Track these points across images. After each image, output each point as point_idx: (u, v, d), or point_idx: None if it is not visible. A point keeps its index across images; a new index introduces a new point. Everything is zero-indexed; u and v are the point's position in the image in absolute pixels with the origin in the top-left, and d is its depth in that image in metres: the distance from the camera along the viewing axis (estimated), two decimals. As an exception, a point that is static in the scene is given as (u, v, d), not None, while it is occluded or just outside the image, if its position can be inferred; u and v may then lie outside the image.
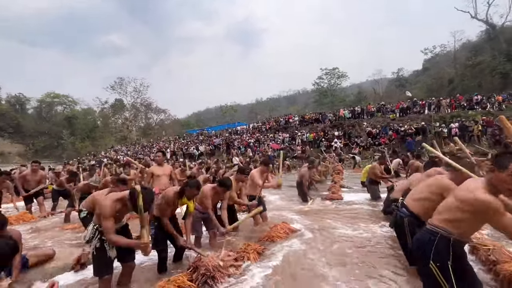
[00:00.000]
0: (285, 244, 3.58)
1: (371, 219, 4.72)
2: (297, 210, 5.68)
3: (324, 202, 6.32)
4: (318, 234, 4.02)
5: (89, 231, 2.46)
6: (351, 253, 3.25)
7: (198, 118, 74.54)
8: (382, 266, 2.84)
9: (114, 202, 2.38)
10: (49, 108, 54.93)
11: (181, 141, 29.00)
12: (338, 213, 5.29)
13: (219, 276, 2.56)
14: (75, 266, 3.17)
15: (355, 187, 8.21)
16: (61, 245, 4.18)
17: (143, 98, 49.71)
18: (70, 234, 4.80)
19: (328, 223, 4.55)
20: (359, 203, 6.02)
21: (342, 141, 17.49)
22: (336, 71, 41.38)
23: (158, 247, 2.92)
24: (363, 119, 21.20)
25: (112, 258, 2.46)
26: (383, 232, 3.98)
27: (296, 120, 24.99)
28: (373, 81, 56.73)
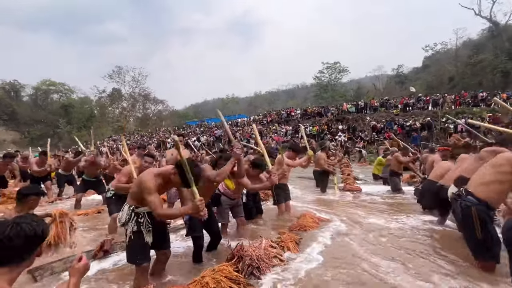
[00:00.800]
0: (319, 234, 3.37)
1: (399, 210, 4.54)
2: (318, 200, 5.48)
3: (343, 193, 6.13)
4: (350, 224, 3.82)
5: (124, 213, 2.21)
6: (393, 244, 3.05)
7: (196, 110, 73.74)
8: (436, 257, 2.64)
9: (155, 176, 2.15)
10: (45, 96, 53.68)
11: (181, 132, 28.57)
12: (362, 204, 5.11)
13: (264, 266, 2.34)
14: (98, 253, 2.92)
15: (368, 179, 8.06)
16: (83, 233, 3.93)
17: (141, 87, 48.74)
18: (85, 220, 4.54)
19: (356, 214, 4.35)
20: (380, 194, 5.85)
21: (346, 135, 17.32)
22: (338, 66, 40.99)
23: (194, 233, 2.68)
24: (366, 113, 21.05)
25: (149, 243, 2.22)
26: (417, 223, 3.80)
27: (298, 113, 24.77)
28: (372, 77, 56.57)
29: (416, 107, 19.15)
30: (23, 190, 2.80)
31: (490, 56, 29.60)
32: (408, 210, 4.54)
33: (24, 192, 2.80)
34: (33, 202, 2.74)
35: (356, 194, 6.00)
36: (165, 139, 24.86)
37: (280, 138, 19.06)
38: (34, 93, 52.92)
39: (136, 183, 2.27)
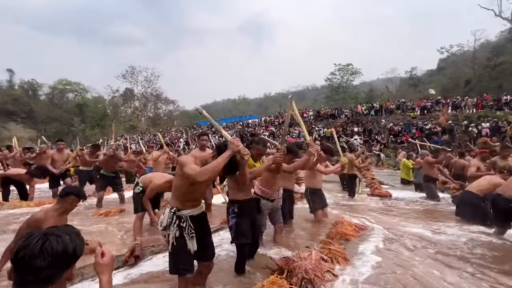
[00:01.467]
0: (364, 244, 3.07)
1: (437, 218, 4.19)
2: (348, 205, 5.17)
3: (372, 198, 5.79)
4: (391, 233, 3.50)
5: (165, 216, 1.98)
6: (447, 257, 2.73)
7: (206, 110, 73.74)
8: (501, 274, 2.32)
9: (195, 161, 1.95)
10: (61, 95, 54.91)
11: (193, 131, 28.61)
12: (395, 210, 4.77)
13: (318, 282, 2.06)
14: (129, 259, 2.70)
15: (395, 184, 7.65)
16: (101, 233, 3.74)
17: (153, 87, 49.24)
18: (107, 220, 4.36)
19: (393, 221, 4.03)
20: (412, 201, 5.48)
21: (362, 138, 16.83)
22: (350, 68, 40.29)
23: (239, 240, 2.40)
24: (381, 116, 20.50)
25: (192, 251, 1.97)
26: (463, 233, 3.46)
27: (311, 115, 24.36)
28: (385, 79, 55.44)
29: (435, 110, 18.47)
30: (66, 188, 2.66)
31: (510, 59, 28.45)
32: (445, 219, 4.20)
33: (66, 191, 2.65)
34: (71, 203, 2.57)
35: (386, 200, 5.64)
36: (177, 139, 24.91)
37: (293, 139, 18.71)
38: (51, 92, 54.20)
39: (177, 170, 2.04)
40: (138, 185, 3.54)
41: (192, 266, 1.99)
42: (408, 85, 46.98)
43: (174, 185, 2.04)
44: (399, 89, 46.34)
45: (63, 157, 6.00)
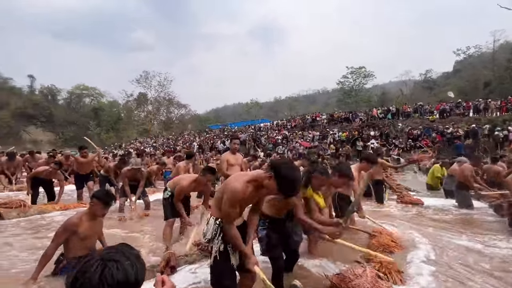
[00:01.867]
0: (411, 258, 2.83)
1: (485, 230, 3.87)
2: (378, 213, 4.89)
3: (401, 205, 5.49)
4: (435, 245, 3.23)
5: (210, 227, 1.84)
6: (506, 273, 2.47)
7: (217, 114, 74.60)
8: None
9: (247, 183, 1.74)
10: (78, 100, 56.67)
11: (205, 135, 28.76)
12: (433, 220, 4.47)
13: (377, 302, 1.87)
14: (164, 270, 2.58)
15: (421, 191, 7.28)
16: (127, 239, 3.65)
17: (166, 92, 50.07)
18: (132, 226, 4.28)
19: (435, 232, 3.74)
20: (446, 209, 5.15)
21: (378, 142, 16.36)
22: (363, 70, 39.64)
23: (271, 253, 2.26)
24: (397, 119, 19.94)
25: (235, 266, 1.84)
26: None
27: (324, 119, 24.01)
28: (398, 82, 54.30)
29: (455, 113, 17.81)
30: (95, 192, 2.60)
31: (533, 60, 27.26)
32: (489, 230, 3.88)
33: (92, 194, 2.60)
34: (95, 207, 2.49)
35: (418, 207, 5.33)
36: (190, 142, 25.06)
37: (307, 143, 18.45)
38: (69, 97, 56.04)
39: (223, 188, 1.90)
40: (166, 190, 3.44)
41: (234, 282, 1.87)
42: (423, 88, 45.84)
43: (218, 196, 1.90)
44: (413, 92, 45.24)
45: (88, 161, 6.06)
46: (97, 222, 2.60)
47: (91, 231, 2.52)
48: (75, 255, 2.46)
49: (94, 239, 2.59)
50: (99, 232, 2.68)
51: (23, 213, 4.44)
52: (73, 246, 2.44)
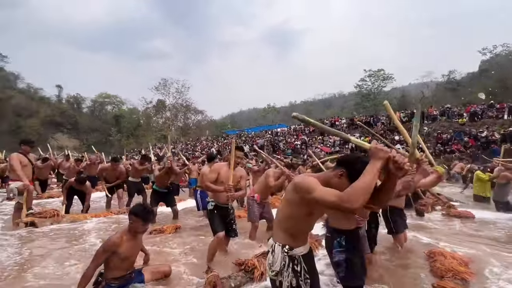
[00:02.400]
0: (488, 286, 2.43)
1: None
2: (422, 227, 4.45)
3: (448, 219, 4.98)
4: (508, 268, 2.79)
5: (277, 257, 1.55)
6: None
7: (232, 119, 75.14)
8: None
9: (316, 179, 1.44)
10: (100, 107, 59.04)
11: (223, 141, 28.81)
12: (492, 237, 3.97)
13: None
14: (209, 295, 2.34)
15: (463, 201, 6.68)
16: (161, 254, 3.45)
17: (184, 98, 51.13)
18: (162, 239, 4.09)
19: (503, 254, 3.28)
20: (503, 223, 4.60)
21: (404, 147, 15.54)
22: (381, 73, 38.46)
23: (354, 282, 1.94)
24: (423, 123, 18.95)
25: None
26: None
27: (344, 123, 23.33)
28: (418, 84, 52.33)
29: (487, 115, 16.66)
30: (132, 209, 2.42)
31: None
32: None
33: (130, 211, 2.42)
34: (135, 224, 2.31)
35: (468, 221, 4.81)
36: (208, 148, 25.16)
37: (328, 148, 17.90)
38: (92, 105, 58.55)
39: (289, 191, 1.56)
40: (209, 202, 3.13)
41: None
42: (446, 90, 43.77)
43: (284, 215, 1.60)
44: (435, 93, 43.30)
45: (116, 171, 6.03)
46: (138, 240, 2.43)
47: (132, 251, 2.35)
48: (114, 276, 2.30)
49: (134, 259, 2.42)
50: (139, 250, 2.50)
51: (57, 222, 4.41)
52: (113, 266, 2.28)
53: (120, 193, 6.00)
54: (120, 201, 5.98)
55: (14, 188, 4.38)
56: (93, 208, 5.82)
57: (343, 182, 1.43)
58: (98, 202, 6.63)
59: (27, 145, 4.58)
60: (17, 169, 4.33)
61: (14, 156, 4.45)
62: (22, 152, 4.55)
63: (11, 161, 4.42)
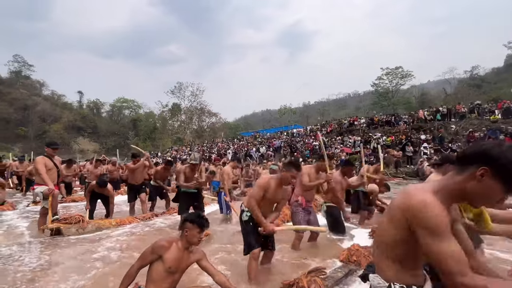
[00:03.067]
0: None
1: None
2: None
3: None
4: None
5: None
6: None
7: (246, 121, 75.08)
8: None
9: (440, 201, 0.99)
10: (118, 112, 60.66)
11: (238, 142, 28.57)
12: None
13: None
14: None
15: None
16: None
17: (199, 101, 51.62)
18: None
19: None
20: None
21: (431, 146, 14.62)
22: (400, 71, 37.02)
23: None
24: (449, 121, 17.85)
25: None
26: None
27: (363, 123, 22.45)
28: (438, 81, 50.16)
29: (524, 111, 15.40)
30: (186, 216, 2.11)
31: None
32: None
33: (182, 218, 2.13)
34: (190, 233, 2.02)
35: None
36: (225, 150, 24.98)
37: (348, 149, 17.19)
38: (111, 109, 60.28)
39: (394, 211, 1.08)
40: (243, 211, 2.69)
41: None
42: (469, 86, 41.58)
43: (394, 243, 1.09)
44: (457, 91, 41.20)
45: (140, 169, 5.79)
46: (189, 255, 2.08)
47: (179, 264, 2.01)
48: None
49: (178, 276, 2.07)
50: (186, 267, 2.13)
51: (82, 228, 4.18)
52: (156, 276, 1.97)
53: (143, 197, 5.74)
54: (144, 205, 5.72)
55: (39, 192, 4.19)
56: (117, 212, 5.60)
57: (488, 186, 0.95)
58: (120, 206, 6.43)
59: (52, 147, 4.40)
60: (41, 172, 4.15)
61: (39, 159, 4.27)
62: (47, 155, 4.37)
63: (36, 165, 4.24)
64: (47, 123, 44.81)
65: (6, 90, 43.46)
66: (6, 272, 2.79)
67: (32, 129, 41.86)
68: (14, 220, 5.39)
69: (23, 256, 3.22)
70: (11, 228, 4.68)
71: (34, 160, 4.42)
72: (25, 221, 5.30)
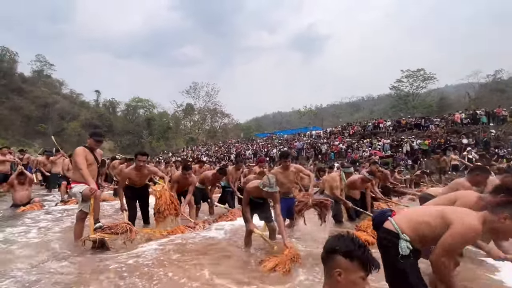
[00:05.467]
0: None
1: None
2: None
3: None
4: None
5: None
6: None
7: (257, 122, 74.17)
8: None
9: None
10: (133, 111, 60.68)
11: (259, 143, 27.60)
12: None
13: None
14: None
15: None
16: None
17: (213, 101, 51.14)
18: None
19: None
20: None
21: (476, 152, 13.25)
22: (422, 73, 35.33)
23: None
24: (488, 125, 16.43)
25: None
26: None
27: (389, 125, 21.14)
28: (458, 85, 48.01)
29: None
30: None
31: None
32: None
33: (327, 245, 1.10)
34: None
35: None
36: (244, 150, 24.04)
37: (380, 152, 15.95)
38: (126, 108, 60.35)
39: None
40: (403, 240, 1.61)
41: None
42: (491, 91, 39.46)
43: None
44: (480, 95, 39.10)
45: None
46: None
47: None
48: None
49: None
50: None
51: (130, 240, 3.22)
52: None
53: (190, 200, 4.77)
54: (192, 210, 4.76)
55: (78, 192, 3.28)
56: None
57: None
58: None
59: (95, 139, 3.48)
60: (82, 167, 3.22)
61: (79, 151, 3.34)
62: (89, 147, 3.46)
63: (75, 157, 3.31)
64: (66, 120, 45.00)
65: (29, 88, 43.91)
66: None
67: (52, 126, 42.04)
68: (42, 223, 4.52)
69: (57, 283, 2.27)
70: (39, 235, 3.79)
71: (73, 152, 3.48)
72: (55, 225, 4.42)
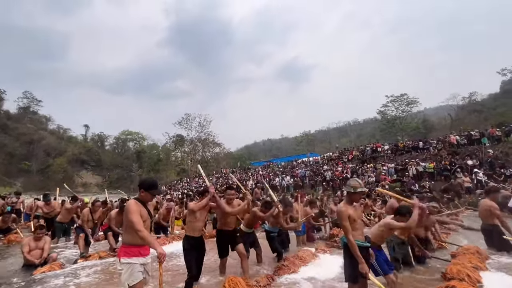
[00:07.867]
0: None
1: None
2: None
3: None
4: None
5: None
6: None
7: (248, 151, 73.77)
8: None
9: None
10: (123, 144, 58.90)
11: (258, 172, 26.86)
12: None
13: None
14: None
15: None
16: None
17: (206, 132, 50.68)
18: None
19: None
20: None
21: (483, 172, 13.31)
22: (405, 98, 37.26)
23: None
24: (484, 145, 16.86)
25: None
26: None
27: (387, 149, 21.36)
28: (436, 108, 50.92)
29: None
30: None
31: None
32: None
33: None
34: None
35: None
36: (245, 181, 23.18)
37: (389, 178, 15.75)
38: (115, 142, 58.53)
39: None
40: None
41: None
42: (469, 112, 42.01)
43: None
44: (461, 116, 41.40)
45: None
46: None
47: None
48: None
49: None
50: None
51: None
52: None
53: (242, 249, 3.99)
54: (245, 262, 3.97)
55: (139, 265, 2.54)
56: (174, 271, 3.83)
57: None
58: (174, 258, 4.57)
59: (152, 192, 2.72)
60: (141, 228, 2.48)
61: (133, 207, 2.59)
62: (141, 200, 2.76)
63: (129, 216, 2.52)
64: (51, 156, 42.61)
65: (14, 125, 41.91)
66: None
67: (36, 163, 39.49)
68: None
69: None
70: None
71: (125, 208, 2.76)
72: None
